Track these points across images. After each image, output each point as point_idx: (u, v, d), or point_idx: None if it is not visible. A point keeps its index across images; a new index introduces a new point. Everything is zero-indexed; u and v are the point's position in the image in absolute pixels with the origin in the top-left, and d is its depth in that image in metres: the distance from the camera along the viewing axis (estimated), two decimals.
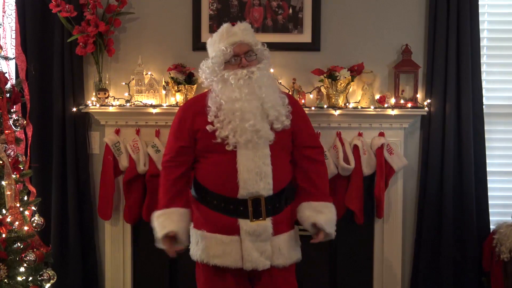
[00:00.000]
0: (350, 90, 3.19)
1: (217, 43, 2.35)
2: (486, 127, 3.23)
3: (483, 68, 3.31)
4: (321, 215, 2.32)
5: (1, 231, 2.39)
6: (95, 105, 3.15)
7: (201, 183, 2.36)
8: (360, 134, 3.18)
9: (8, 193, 2.44)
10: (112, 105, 3.16)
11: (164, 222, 2.31)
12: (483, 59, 3.33)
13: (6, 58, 2.69)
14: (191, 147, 2.35)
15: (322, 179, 2.44)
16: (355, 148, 3.12)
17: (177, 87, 3.14)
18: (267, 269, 2.30)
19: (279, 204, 2.33)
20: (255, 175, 2.23)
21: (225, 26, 2.38)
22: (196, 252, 2.37)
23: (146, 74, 3.21)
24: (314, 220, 2.31)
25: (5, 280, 2.39)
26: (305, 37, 3.22)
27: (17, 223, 2.45)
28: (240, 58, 2.30)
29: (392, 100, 3.16)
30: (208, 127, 2.27)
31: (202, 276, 2.41)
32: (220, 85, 2.30)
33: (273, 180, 2.27)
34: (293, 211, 2.42)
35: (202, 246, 2.33)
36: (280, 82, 3.18)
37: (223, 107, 2.26)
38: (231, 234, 2.28)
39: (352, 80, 3.14)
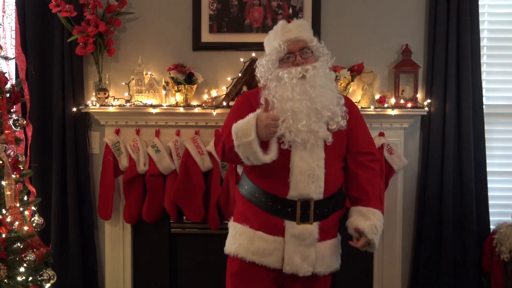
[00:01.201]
0: (350, 90, 3.19)
1: (271, 41, 2.28)
2: (486, 127, 3.23)
3: (483, 68, 3.31)
4: (366, 220, 2.22)
5: (1, 231, 2.39)
6: (95, 105, 3.15)
7: (251, 180, 2.28)
8: None
9: (8, 193, 2.44)
10: (112, 105, 3.16)
11: (243, 122, 2.09)
12: (483, 59, 3.33)
13: (6, 58, 2.68)
14: None
15: (374, 187, 2.32)
16: None
17: (177, 87, 3.14)
18: (307, 276, 2.22)
19: (328, 210, 2.24)
20: (308, 177, 2.15)
21: (280, 22, 2.30)
22: (232, 245, 2.29)
23: (146, 74, 3.21)
24: (356, 224, 2.21)
25: (5, 280, 2.39)
26: None
27: (17, 223, 2.45)
28: (295, 55, 2.21)
29: (392, 100, 3.16)
30: None
31: (234, 270, 2.29)
32: (274, 83, 2.21)
33: (325, 184, 2.19)
34: (338, 217, 2.36)
35: (241, 240, 2.25)
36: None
37: (275, 106, 2.16)
38: (275, 234, 2.21)
39: (352, 80, 3.14)
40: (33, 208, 2.64)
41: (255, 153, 2.06)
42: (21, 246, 2.47)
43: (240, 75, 3.16)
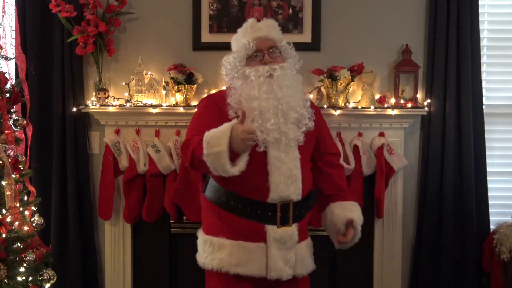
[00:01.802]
0: (350, 90, 3.19)
1: (240, 38, 2.26)
2: (486, 127, 3.23)
3: (483, 68, 3.31)
4: (352, 212, 2.26)
5: (1, 231, 2.39)
6: (95, 105, 3.15)
7: (224, 187, 2.19)
8: (360, 134, 3.18)
9: (8, 193, 2.44)
10: (112, 105, 3.16)
11: (217, 131, 1.98)
12: (483, 59, 3.33)
13: (6, 58, 2.68)
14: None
15: (345, 182, 2.41)
16: (355, 148, 3.12)
17: (177, 87, 3.14)
18: (288, 281, 2.18)
19: (304, 210, 2.23)
20: (287, 178, 2.11)
21: (250, 20, 2.29)
22: (211, 261, 2.17)
23: (146, 74, 3.21)
24: (349, 216, 2.22)
25: (5, 280, 2.38)
26: (305, 37, 3.22)
27: (17, 223, 2.45)
28: (263, 54, 2.20)
29: (392, 100, 3.16)
30: None
31: (217, 286, 2.21)
32: (241, 82, 2.18)
33: (302, 184, 2.17)
34: (310, 218, 2.39)
35: (220, 254, 2.16)
36: None
37: (243, 105, 2.13)
38: (256, 241, 2.14)
39: (352, 80, 3.14)
40: (33, 208, 2.63)
41: (223, 165, 1.95)
42: (21, 246, 2.47)
43: None
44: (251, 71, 2.17)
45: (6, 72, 2.60)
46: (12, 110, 2.61)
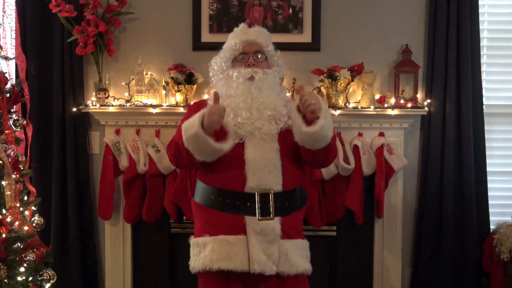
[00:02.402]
0: (350, 90, 3.19)
1: (229, 40, 2.35)
2: (486, 127, 3.23)
3: (483, 68, 3.31)
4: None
5: (1, 231, 2.39)
6: (95, 105, 3.15)
7: (205, 182, 2.24)
8: (360, 134, 3.18)
9: (8, 193, 2.44)
10: (112, 105, 3.16)
11: (192, 118, 2.08)
12: (483, 59, 3.33)
13: (6, 58, 2.68)
14: None
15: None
16: (355, 148, 3.12)
17: (177, 87, 3.14)
18: (272, 279, 2.14)
19: (289, 204, 2.20)
20: (264, 166, 2.13)
21: (241, 25, 2.38)
22: (197, 262, 2.17)
23: (146, 74, 3.21)
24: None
25: (5, 280, 2.38)
26: (305, 37, 3.22)
27: (17, 223, 2.45)
28: (248, 56, 2.28)
29: (392, 100, 3.16)
30: None
31: (206, 286, 2.20)
32: (223, 82, 2.27)
33: (283, 175, 2.16)
34: (301, 219, 2.34)
35: (204, 252, 2.15)
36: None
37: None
38: (237, 233, 2.13)
39: (352, 80, 3.14)
40: (33, 208, 2.63)
41: (205, 142, 2.03)
42: (21, 246, 2.47)
43: None
44: (233, 71, 2.25)
45: (6, 72, 2.60)
46: (12, 110, 2.61)
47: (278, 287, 2.17)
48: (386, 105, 3.13)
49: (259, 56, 2.29)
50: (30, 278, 2.47)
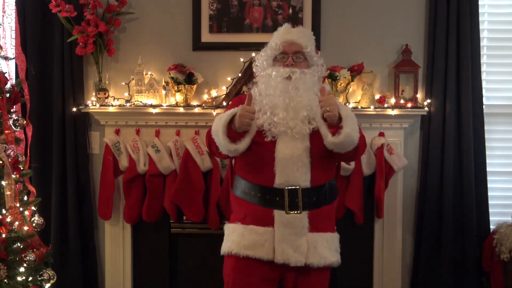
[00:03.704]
0: (350, 90, 3.19)
1: (273, 39, 2.40)
2: (486, 127, 3.23)
3: (483, 68, 3.31)
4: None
5: (1, 231, 2.39)
6: (95, 105, 3.15)
7: (241, 177, 2.36)
8: None
9: (8, 193, 2.44)
10: (112, 105, 3.16)
11: (225, 113, 2.23)
12: (483, 59, 3.33)
13: (6, 58, 2.68)
14: None
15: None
16: None
17: (177, 87, 3.14)
18: (301, 269, 2.25)
19: (317, 199, 2.28)
20: (293, 164, 2.21)
21: (285, 25, 2.44)
22: (226, 244, 2.33)
23: (146, 74, 3.21)
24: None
25: (5, 280, 2.38)
26: None
27: (17, 223, 2.45)
28: (288, 56, 2.33)
29: (392, 100, 3.16)
30: None
31: (230, 270, 2.32)
32: (264, 79, 2.34)
33: (312, 172, 2.24)
34: (333, 212, 2.40)
35: (233, 237, 2.30)
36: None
37: (256, 99, 2.28)
38: (265, 225, 2.25)
39: (352, 80, 3.14)
40: (33, 208, 2.63)
41: (223, 140, 2.18)
42: (21, 246, 2.47)
43: (240, 75, 3.16)
44: (273, 70, 2.32)
45: (6, 72, 2.60)
46: (12, 110, 2.61)
47: (302, 277, 2.28)
48: (386, 105, 3.13)
49: (299, 57, 2.34)
50: (30, 278, 2.47)
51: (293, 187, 2.23)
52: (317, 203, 2.28)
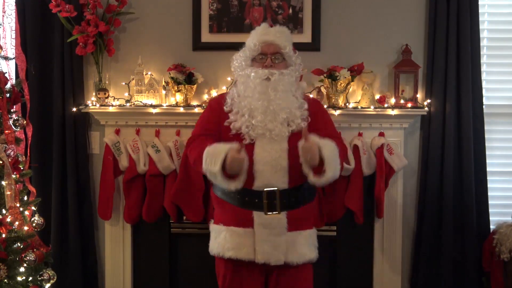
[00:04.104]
0: (350, 90, 3.19)
1: (250, 39, 2.41)
2: (486, 127, 3.23)
3: (483, 68, 3.31)
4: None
5: (1, 231, 2.39)
6: (95, 105, 3.15)
7: None
8: (360, 134, 3.18)
9: (8, 193, 2.44)
10: (112, 105, 3.16)
11: (214, 151, 2.21)
12: (483, 59, 3.33)
13: (6, 58, 2.68)
14: (217, 133, 2.38)
15: (340, 146, 2.33)
16: (355, 148, 3.12)
17: (177, 87, 3.14)
18: (282, 267, 2.31)
19: (295, 199, 2.33)
20: (271, 167, 2.25)
21: (263, 24, 2.46)
22: (213, 245, 2.41)
23: (146, 74, 3.21)
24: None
25: (5, 280, 2.38)
26: (305, 37, 3.22)
27: (17, 223, 2.45)
28: (266, 57, 2.35)
29: (392, 100, 3.16)
30: (226, 122, 2.34)
31: (220, 270, 2.42)
32: (243, 80, 2.36)
33: (289, 173, 2.28)
34: (312, 210, 2.47)
35: (219, 239, 2.37)
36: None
37: (235, 100, 2.33)
38: (246, 226, 2.30)
39: (352, 80, 3.14)
40: (33, 208, 2.63)
41: (221, 183, 2.21)
42: (21, 246, 2.47)
43: None
44: (251, 71, 2.33)
45: (6, 72, 2.60)
46: (12, 110, 2.61)
47: (284, 275, 2.35)
48: (386, 105, 3.13)
49: (277, 58, 2.36)
50: (30, 278, 2.47)
51: (272, 189, 2.27)
52: (295, 203, 2.34)
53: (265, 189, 2.27)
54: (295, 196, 2.33)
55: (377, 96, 3.19)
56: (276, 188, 2.27)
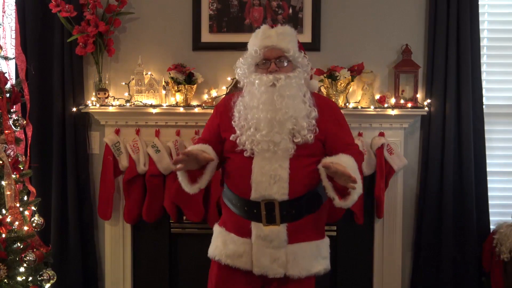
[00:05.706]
0: (350, 90, 3.19)
1: (251, 43, 2.27)
2: (486, 127, 3.23)
3: (483, 68, 3.31)
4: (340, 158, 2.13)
5: (1, 231, 2.39)
6: (95, 105, 3.15)
7: (227, 184, 2.33)
8: (360, 134, 3.18)
9: (8, 193, 2.44)
10: (112, 105, 3.16)
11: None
12: (483, 59, 3.33)
13: (6, 58, 2.68)
14: (213, 143, 2.30)
15: (356, 156, 2.21)
16: None
17: (177, 87, 3.14)
18: (282, 278, 2.22)
19: (296, 211, 2.20)
20: (269, 178, 2.15)
21: (263, 27, 2.28)
22: (211, 247, 2.37)
23: (146, 74, 3.21)
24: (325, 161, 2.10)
25: (5, 280, 2.38)
26: (305, 37, 3.21)
27: (17, 223, 2.45)
28: (270, 62, 2.21)
29: (392, 100, 3.16)
30: (232, 137, 2.23)
31: (214, 273, 2.37)
32: (249, 88, 2.24)
33: (290, 185, 2.16)
34: (318, 220, 2.32)
35: (217, 242, 2.32)
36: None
37: (241, 114, 2.22)
38: (244, 236, 2.24)
39: (352, 80, 3.14)
40: (33, 208, 2.63)
41: (181, 182, 2.25)
42: (21, 246, 2.47)
43: None
44: (255, 78, 2.21)
45: (6, 72, 2.60)
46: (12, 110, 2.61)
47: (280, 284, 2.24)
48: (386, 105, 3.13)
49: (282, 61, 2.22)
50: (30, 278, 2.47)
51: (270, 201, 2.17)
52: (297, 215, 2.21)
53: (262, 200, 2.17)
54: (296, 208, 2.20)
55: (377, 96, 3.19)
56: (274, 200, 2.16)
